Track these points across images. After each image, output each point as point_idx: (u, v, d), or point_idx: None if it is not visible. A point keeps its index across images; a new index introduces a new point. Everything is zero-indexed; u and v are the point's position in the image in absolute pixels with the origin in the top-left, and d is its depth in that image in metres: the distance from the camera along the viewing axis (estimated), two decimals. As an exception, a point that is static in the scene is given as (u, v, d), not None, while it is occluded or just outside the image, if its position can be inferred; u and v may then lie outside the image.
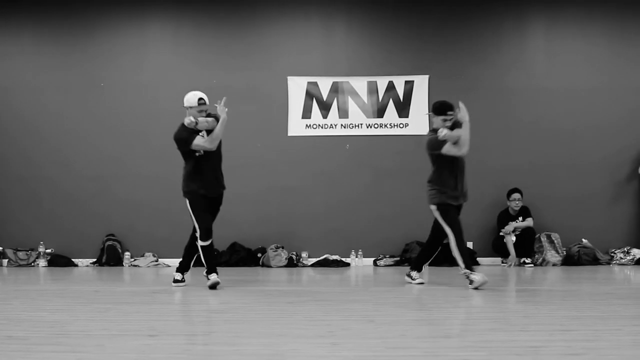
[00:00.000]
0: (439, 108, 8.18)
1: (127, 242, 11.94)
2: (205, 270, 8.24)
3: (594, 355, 4.36)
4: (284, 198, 11.88)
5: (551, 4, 12.19)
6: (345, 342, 4.70)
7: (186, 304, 6.81)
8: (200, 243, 8.13)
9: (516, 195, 11.41)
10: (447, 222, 8.12)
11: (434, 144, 8.07)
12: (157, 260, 11.74)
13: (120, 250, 11.78)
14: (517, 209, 11.43)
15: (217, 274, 8.16)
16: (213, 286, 8.06)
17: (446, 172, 8.16)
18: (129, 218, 11.97)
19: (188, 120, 8.06)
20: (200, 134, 8.17)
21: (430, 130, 8.36)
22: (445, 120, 8.10)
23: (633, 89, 12.05)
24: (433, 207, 8.22)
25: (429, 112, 8.43)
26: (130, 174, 12.01)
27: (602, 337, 4.83)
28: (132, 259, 11.71)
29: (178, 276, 8.52)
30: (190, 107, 8.18)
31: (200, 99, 8.19)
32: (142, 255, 11.83)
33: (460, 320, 5.75)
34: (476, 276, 7.86)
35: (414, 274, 8.64)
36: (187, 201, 8.29)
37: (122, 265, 11.61)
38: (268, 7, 12.17)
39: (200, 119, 8.10)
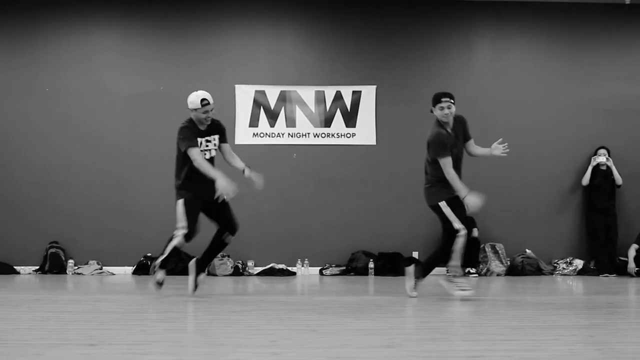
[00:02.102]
0: (434, 98, 7.95)
1: (71, 249, 11.80)
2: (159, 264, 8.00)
3: (532, 365, 4.42)
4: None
5: (498, 18, 12.38)
6: (287, 352, 4.68)
7: (128, 312, 6.73)
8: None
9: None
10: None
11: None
12: (101, 269, 11.62)
13: (63, 258, 11.63)
14: (462, 219, 11.52)
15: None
16: (159, 283, 7.93)
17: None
18: (73, 225, 11.83)
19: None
20: (203, 144, 8.09)
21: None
22: (442, 108, 7.90)
23: (578, 102, 12.27)
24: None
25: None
26: (74, 181, 11.88)
27: (541, 347, 4.88)
28: (76, 267, 11.58)
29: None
30: (195, 110, 7.82)
31: (204, 99, 7.76)
32: (86, 263, 11.70)
33: (402, 329, 5.77)
34: (464, 284, 7.98)
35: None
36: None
37: (66, 273, 11.48)
38: (216, 14, 12.14)
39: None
